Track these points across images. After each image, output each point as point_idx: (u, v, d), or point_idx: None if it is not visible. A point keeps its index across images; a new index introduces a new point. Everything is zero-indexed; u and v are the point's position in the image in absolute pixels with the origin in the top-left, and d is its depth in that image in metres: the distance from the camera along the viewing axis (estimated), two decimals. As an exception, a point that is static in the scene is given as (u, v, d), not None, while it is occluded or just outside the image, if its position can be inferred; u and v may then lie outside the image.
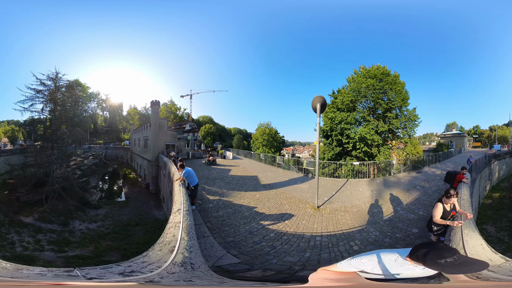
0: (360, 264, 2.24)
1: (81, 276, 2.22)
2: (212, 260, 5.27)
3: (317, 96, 9.05)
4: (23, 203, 17.93)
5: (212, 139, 66.60)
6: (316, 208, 9.25)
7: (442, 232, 5.22)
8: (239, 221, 7.94)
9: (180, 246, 3.29)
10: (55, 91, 22.25)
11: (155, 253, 3.20)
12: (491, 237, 12.82)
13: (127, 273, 2.45)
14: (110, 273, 2.40)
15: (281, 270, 4.84)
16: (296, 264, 5.23)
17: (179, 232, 3.75)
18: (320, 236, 6.84)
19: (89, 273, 2.30)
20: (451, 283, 2.33)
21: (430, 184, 13.34)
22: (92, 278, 2.21)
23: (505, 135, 72.57)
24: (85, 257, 10.93)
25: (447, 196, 5.01)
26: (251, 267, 4.96)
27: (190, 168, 8.86)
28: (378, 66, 24.46)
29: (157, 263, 2.79)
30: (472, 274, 2.67)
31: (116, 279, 2.30)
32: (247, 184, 14.02)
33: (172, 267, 2.72)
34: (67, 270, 2.33)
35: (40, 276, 2.21)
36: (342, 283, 2.21)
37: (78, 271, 2.31)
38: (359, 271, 2.22)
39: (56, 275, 2.28)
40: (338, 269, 2.26)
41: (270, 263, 5.30)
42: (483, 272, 2.66)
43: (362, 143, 22.07)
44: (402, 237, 6.83)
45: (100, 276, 2.28)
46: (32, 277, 2.16)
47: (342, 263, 2.29)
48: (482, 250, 3.39)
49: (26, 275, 2.19)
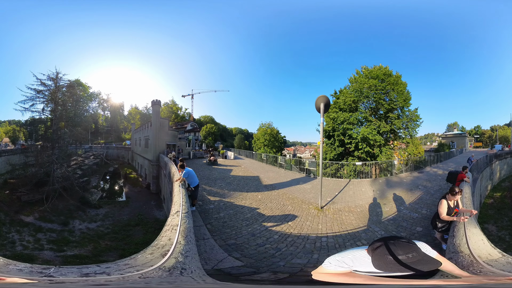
0: (343, 262, 2.10)
1: (52, 275, 2.17)
2: (212, 263, 5.13)
3: (321, 96, 8.93)
4: (24, 202, 17.93)
5: (213, 139, 66.60)
6: (320, 208, 9.14)
7: (446, 229, 5.30)
8: (241, 222, 7.81)
9: (175, 250, 3.13)
10: (56, 91, 22.23)
11: (145, 256, 3.04)
12: (492, 236, 12.76)
13: (91, 274, 2.30)
14: (84, 274, 2.28)
15: (294, 273, 4.71)
16: (307, 266, 5.11)
17: (176, 235, 3.60)
18: (326, 237, 6.75)
19: (64, 273, 2.24)
20: (452, 280, 2.32)
21: (432, 183, 13.34)
22: (50, 275, 2.16)
23: (507, 135, 72.30)
24: (83, 257, 10.89)
25: (452, 193, 5.14)
26: (257, 270, 4.83)
27: (191, 169, 8.76)
28: (380, 67, 24.33)
29: (139, 267, 2.61)
30: (473, 269, 2.83)
31: (73, 277, 2.20)
32: (248, 185, 13.92)
33: (155, 272, 2.52)
34: (45, 268, 2.30)
35: (19, 271, 2.18)
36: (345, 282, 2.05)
37: (54, 270, 2.26)
38: (353, 270, 2.09)
39: (38, 272, 2.24)
40: (328, 271, 2.10)
41: (278, 265, 5.17)
42: (483, 265, 2.84)
43: (364, 143, 21.96)
44: (406, 235, 6.79)
45: (64, 274, 2.20)
46: (14, 272, 2.15)
47: (326, 264, 2.13)
48: (483, 245, 3.56)
49: (9, 269, 2.18)
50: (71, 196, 19.66)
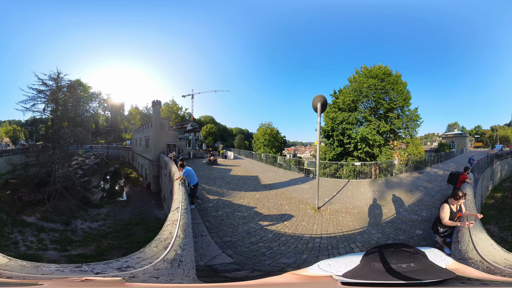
0: (331, 267, 1.97)
1: (89, 271, 2.35)
2: (206, 259, 5.27)
3: (317, 96, 8.99)
4: (25, 202, 18.08)
5: (213, 139, 66.71)
6: (317, 209, 9.19)
7: (448, 233, 5.11)
8: (237, 221, 7.93)
9: (174, 243, 3.36)
10: (57, 91, 22.40)
11: (151, 249, 3.28)
12: (494, 237, 12.50)
13: (123, 268, 2.57)
14: (111, 268, 2.54)
15: (270, 271, 4.77)
16: (290, 266, 5.17)
17: (176, 229, 3.81)
18: (320, 237, 6.74)
19: (95, 268, 2.46)
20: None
21: (432, 184, 13.21)
22: (98, 272, 2.36)
23: (507, 135, 72.02)
24: (87, 256, 11.08)
25: (456, 198, 4.86)
26: (241, 267, 4.93)
27: (190, 168, 8.94)
28: (379, 66, 24.35)
29: (149, 259, 2.87)
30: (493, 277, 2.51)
31: (113, 273, 2.41)
32: (247, 184, 14.01)
33: (161, 263, 2.79)
34: (77, 266, 2.48)
35: (60, 272, 2.31)
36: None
37: (86, 266, 2.46)
38: (334, 274, 1.89)
39: (72, 270, 2.39)
40: (308, 273, 1.98)
41: (263, 264, 5.25)
42: (507, 271, 2.58)
43: (364, 143, 21.98)
44: (405, 239, 6.67)
45: (103, 270, 2.43)
46: (56, 273, 2.26)
47: (312, 268, 2.02)
48: (494, 250, 3.31)
49: (48, 271, 2.28)
50: (73, 196, 19.82)
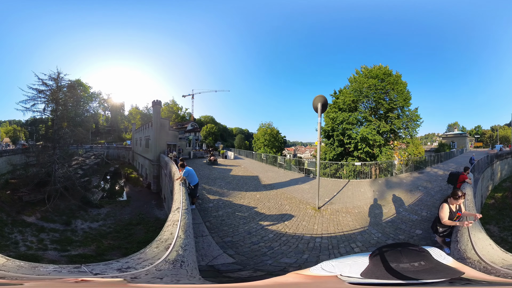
0: (335, 268, 1.91)
1: (88, 272, 2.33)
2: (207, 259, 5.27)
3: (318, 96, 9.00)
4: (25, 202, 18.05)
5: (213, 139, 66.70)
6: (317, 209, 9.20)
7: (448, 233, 5.13)
8: (238, 221, 7.93)
9: (176, 243, 3.34)
10: (57, 91, 22.38)
11: (152, 250, 3.26)
12: (494, 237, 12.69)
13: (123, 269, 2.55)
14: (111, 269, 2.51)
15: (272, 271, 4.78)
16: (292, 266, 5.17)
17: (176, 230, 3.79)
18: (320, 237, 6.76)
19: (94, 269, 2.44)
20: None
21: (432, 184, 13.24)
22: (97, 273, 2.35)
23: (507, 135, 72.03)
24: (87, 256, 11.05)
25: (455, 198, 4.90)
26: (243, 268, 4.93)
27: (191, 168, 8.93)
28: (380, 66, 24.34)
29: (151, 260, 2.85)
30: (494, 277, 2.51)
31: (114, 274, 2.40)
32: (247, 184, 14.01)
33: (163, 264, 2.77)
34: (76, 267, 2.46)
35: (58, 272, 2.29)
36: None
37: (85, 267, 2.44)
38: (339, 275, 1.83)
39: (70, 271, 2.38)
40: (312, 273, 1.92)
41: (265, 263, 5.25)
42: (503, 272, 2.59)
43: (364, 143, 21.98)
44: (405, 238, 6.71)
45: (103, 271, 2.41)
46: (53, 274, 2.25)
47: (316, 268, 1.95)
48: (492, 250, 3.32)
49: (45, 272, 2.27)
50: (73, 196, 19.80)
